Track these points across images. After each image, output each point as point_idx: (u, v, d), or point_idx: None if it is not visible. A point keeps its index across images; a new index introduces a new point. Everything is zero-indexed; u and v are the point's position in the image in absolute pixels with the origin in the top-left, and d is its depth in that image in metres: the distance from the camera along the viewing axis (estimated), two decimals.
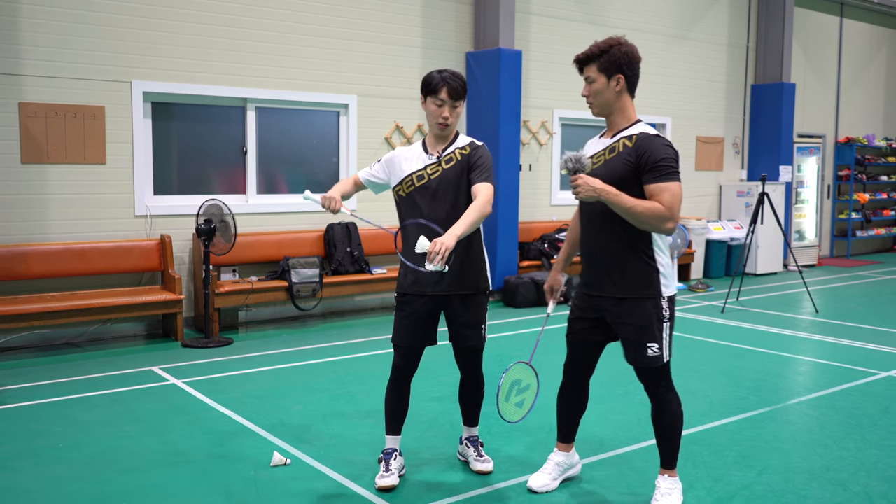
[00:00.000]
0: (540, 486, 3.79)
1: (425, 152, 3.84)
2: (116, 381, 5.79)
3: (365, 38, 8.65)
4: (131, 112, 7.30)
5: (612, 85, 3.41)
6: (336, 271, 8.19)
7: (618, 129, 3.47)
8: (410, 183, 3.79)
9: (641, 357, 3.43)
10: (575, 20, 10.37)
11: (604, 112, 3.48)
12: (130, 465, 4.16)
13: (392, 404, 3.95)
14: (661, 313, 3.41)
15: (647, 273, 3.40)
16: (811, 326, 8.05)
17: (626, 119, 3.47)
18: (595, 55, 3.41)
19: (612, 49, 3.39)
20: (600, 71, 3.40)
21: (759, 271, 11.85)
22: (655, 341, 3.41)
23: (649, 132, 3.39)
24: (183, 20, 7.51)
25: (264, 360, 6.48)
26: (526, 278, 9.03)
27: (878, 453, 4.37)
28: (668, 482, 3.61)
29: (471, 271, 3.82)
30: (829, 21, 14.00)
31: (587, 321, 3.60)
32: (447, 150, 3.81)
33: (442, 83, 3.73)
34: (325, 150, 8.63)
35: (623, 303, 3.43)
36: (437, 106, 3.75)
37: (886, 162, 15.04)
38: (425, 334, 3.87)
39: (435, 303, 3.83)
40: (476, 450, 4.11)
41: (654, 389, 3.53)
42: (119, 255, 7.17)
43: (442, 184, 3.74)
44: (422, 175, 3.77)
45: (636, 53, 3.44)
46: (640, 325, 3.40)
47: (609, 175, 3.35)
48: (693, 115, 11.92)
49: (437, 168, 3.77)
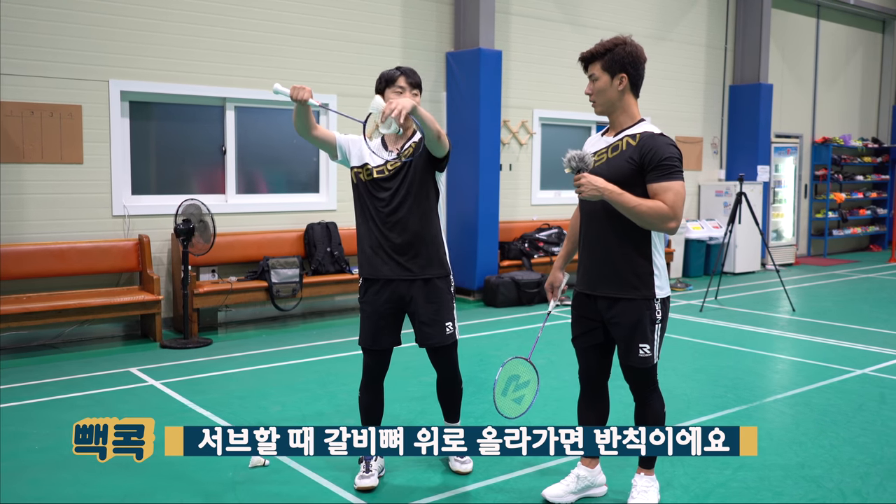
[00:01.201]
0: (553, 496, 3.69)
1: (384, 148, 3.85)
2: (94, 383, 5.76)
3: (345, 38, 8.64)
4: (109, 111, 7.25)
5: (615, 83, 3.38)
6: (316, 271, 8.18)
7: (621, 127, 3.44)
8: (369, 173, 3.80)
9: (633, 357, 3.44)
10: (554, 21, 10.41)
11: (606, 111, 3.46)
12: (107, 467, 4.12)
13: (366, 406, 3.95)
14: (654, 315, 3.42)
15: (643, 274, 3.40)
16: (788, 325, 8.14)
17: (629, 118, 3.44)
18: (599, 53, 3.39)
19: (616, 48, 3.37)
20: (604, 69, 3.38)
21: (738, 270, 11.95)
22: (647, 342, 3.42)
23: (653, 131, 3.36)
24: (161, 19, 7.47)
25: (244, 361, 6.46)
26: (506, 278, 9.06)
27: (851, 450, 4.43)
28: (646, 480, 3.64)
29: (428, 253, 3.79)
30: (806, 22, 14.14)
31: (588, 321, 3.56)
32: (406, 144, 3.82)
33: (398, 72, 3.78)
34: (305, 150, 8.61)
35: (617, 303, 3.42)
36: (398, 94, 3.75)
37: (862, 162, 15.22)
38: (389, 334, 3.85)
39: (395, 298, 3.79)
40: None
41: (640, 390, 3.56)
42: (97, 256, 7.12)
43: (400, 177, 3.75)
44: (382, 169, 3.78)
45: (641, 53, 3.41)
46: (633, 326, 3.41)
47: (611, 173, 3.32)
48: (672, 115, 12.00)
49: (396, 163, 3.78)
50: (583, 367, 3.68)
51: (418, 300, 3.79)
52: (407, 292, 3.79)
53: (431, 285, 3.80)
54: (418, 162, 3.76)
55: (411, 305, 3.80)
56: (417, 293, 3.78)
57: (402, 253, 3.77)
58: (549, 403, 5.22)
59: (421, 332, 3.83)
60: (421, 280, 3.79)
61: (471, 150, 9.18)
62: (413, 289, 3.78)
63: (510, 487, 3.89)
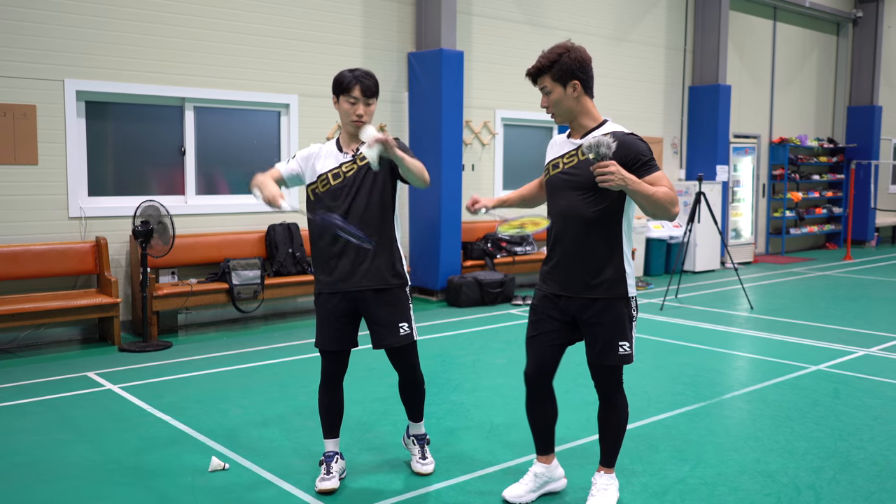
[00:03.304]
0: (514, 496, 3.70)
1: (340, 151, 3.82)
2: (49, 388, 5.65)
3: (306, 38, 8.59)
4: (64, 111, 7.12)
5: (569, 92, 3.40)
6: (278, 272, 8.12)
7: (586, 129, 3.45)
8: (326, 181, 3.77)
9: (613, 356, 3.45)
10: (516, 21, 10.46)
11: (567, 118, 3.48)
12: (62, 474, 4.07)
13: (325, 408, 3.93)
14: (631, 313, 3.47)
15: (620, 274, 3.43)
16: (746, 322, 8.26)
17: (592, 119, 3.47)
18: (546, 66, 3.39)
19: (561, 57, 3.37)
20: (555, 81, 3.39)
21: (697, 269, 12.11)
22: (627, 340, 3.46)
23: (623, 131, 3.38)
24: (118, 17, 7.36)
25: (204, 364, 6.39)
26: (469, 278, 9.07)
27: (806, 445, 4.51)
28: (606, 478, 3.66)
29: (384, 263, 3.77)
30: (763, 25, 14.37)
31: (554, 322, 3.54)
32: (361, 147, 3.80)
33: (354, 81, 3.71)
34: (266, 151, 8.55)
35: (595, 303, 3.43)
36: (351, 104, 3.72)
37: (818, 162, 15.51)
38: (344, 336, 3.82)
39: (350, 301, 3.77)
40: (420, 449, 4.11)
41: (608, 389, 3.57)
42: (52, 258, 7.00)
43: (357, 181, 3.73)
44: (337, 174, 3.76)
45: (586, 55, 3.43)
46: (614, 325, 3.43)
47: (589, 174, 3.31)
48: (632, 115, 12.12)
49: (352, 166, 3.75)
50: (535, 367, 3.64)
51: (371, 303, 3.77)
52: (360, 296, 3.77)
53: (387, 290, 3.78)
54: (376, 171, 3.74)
55: (366, 305, 3.78)
56: (370, 297, 3.76)
57: None
58: (492, 405, 5.24)
59: (375, 333, 3.81)
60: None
61: (433, 151, 9.18)
62: (367, 293, 3.76)
63: (472, 488, 3.90)
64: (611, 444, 3.64)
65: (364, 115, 3.73)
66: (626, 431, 4.66)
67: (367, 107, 3.75)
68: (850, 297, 10.07)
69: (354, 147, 3.81)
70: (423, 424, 4.13)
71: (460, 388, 5.68)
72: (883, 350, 6.94)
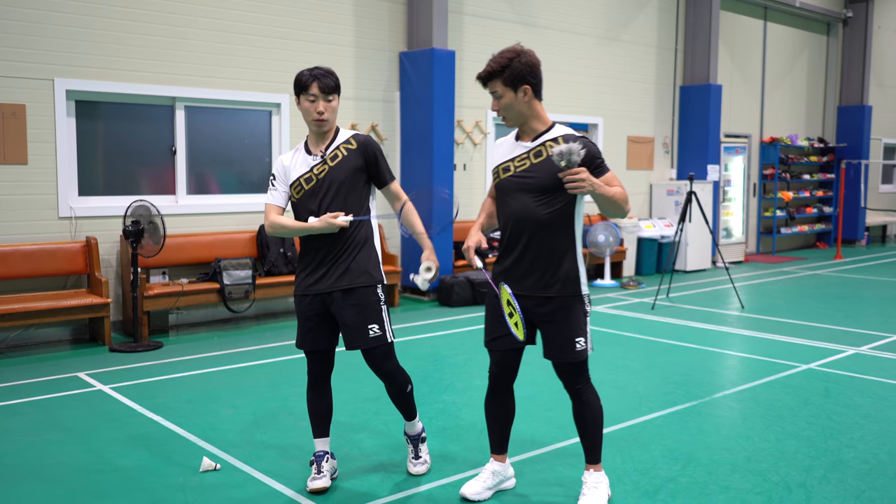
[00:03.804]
0: (472, 493, 3.74)
1: (308, 154, 3.78)
2: (40, 388, 5.63)
3: (297, 38, 8.57)
4: (54, 111, 7.09)
5: (520, 96, 3.44)
6: (269, 272, 8.10)
7: (536, 132, 3.52)
8: (299, 187, 3.74)
9: (570, 352, 3.50)
10: (507, 21, 10.46)
11: (518, 122, 3.53)
12: (53, 475, 4.05)
13: (313, 408, 3.92)
14: (585, 308, 3.56)
15: (574, 273, 3.51)
16: (737, 321, 8.29)
17: (542, 123, 3.53)
18: (497, 71, 3.43)
19: (512, 62, 3.41)
20: (506, 85, 3.43)
21: (689, 268, 12.14)
22: (582, 335, 3.52)
23: (574, 133, 3.48)
24: (108, 16, 7.33)
25: (195, 364, 6.37)
26: (461, 277, 9.08)
27: (797, 444, 4.53)
28: (595, 476, 3.67)
29: (354, 263, 3.73)
30: (754, 24, 14.42)
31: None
32: (330, 147, 3.76)
33: (311, 79, 3.67)
34: (257, 151, 8.53)
35: (551, 301, 3.49)
36: (311, 102, 3.68)
37: (809, 161, 15.57)
38: (321, 335, 3.80)
39: (320, 302, 3.75)
40: (414, 449, 4.10)
41: (574, 385, 3.61)
42: (42, 258, 6.97)
43: (331, 183, 3.70)
44: (309, 177, 3.72)
45: (536, 59, 3.47)
46: (569, 322, 3.49)
47: (543, 177, 3.41)
48: (624, 115, 12.15)
49: (322, 167, 3.72)
50: (496, 365, 3.70)
51: (339, 304, 3.72)
52: (330, 298, 3.73)
53: (354, 291, 3.72)
54: (346, 170, 3.72)
55: (334, 305, 3.73)
56: (339, 297, 3.71)
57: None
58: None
59: (344, 334, 3.77)
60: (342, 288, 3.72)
61: (425, 150, 9.18)
62: (335, 294, 3.72)
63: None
64: (591, 441, 3.67)
65: (325, 113, 3.68)
66: (618, 430, 4.69)
67: (329, 103, 3.69)
68: (840, 296, 10.11)
69: (322, 147, 3.77)
70: (417, 423, 4.10)
71: (452, 388, 5.68)
72: (873, 349, 6.97)
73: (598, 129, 11.75)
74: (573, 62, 11.29)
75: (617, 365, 6.35)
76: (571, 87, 11.28)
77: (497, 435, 3.81)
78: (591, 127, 11.76)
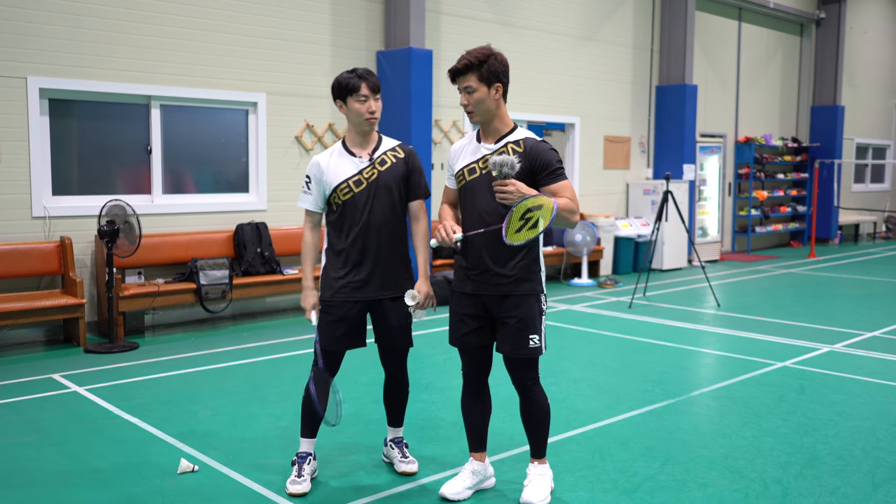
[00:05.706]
0: (452, 493, 3.75)
1: (353, 155, 3.81)
2: (13, 390, 5.55)
3: (274, 36, 8.52)
4: (27, 109, 7.00)
5: (492, 94, 3.51)
6: (246, 272, 8.05)
7: (499, 134, 3.59)
8: (348, 189, 3.76)
9: (523, 348, 3.56)
10: (485, 20, 10.47)
11: (485, 119, 3.58)
12: (28, 478, 4.00)
13: (310, 407, 3.90)
14: (542, 307, 3.63)
15: (534, 272, 3.59)
16: (713, 320, 8.36)
17: (505, 125, 3.60)
18: (474, 65, 3.47)
19: (489, 59, 3.48)
20: (481, 81, 3.49)
21: (665, 267, 12.22)
22: (537, 333, 3.58)
23: (535, 137, 3.56)
24: (82, 14, 7.25)
25: (172, 365, 6.32)
26: (439, 277, 9.07)
27: (773, 441, 4.58)
28: (539, 469, 3.76)
29: (398, 273, 3.88)
30: (728, 25, 14.54)
31: (473, 320, 3.65)
32: (377, 151, 3.82)
33: (360, 80, 3.75)
34: (234, 150, 8.47)
35: (508, 299, 3.56)
36: (362, 102, 3.74)
37: (783, 161, 15.73)
38: (355, 337, 3.87)
39: (364, 305, 3.84)
40: (401, 451, 4.12)
41: (523, 382, 3.67)
42: (16, 259, 6.88)
43: (379, 188, 3.76)
44: (359, 180, 3.76)
45: (507, 62, 3.58)
46: (525, 318, 3.55)
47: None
48: (601, 114, 12.20)
49: (372, 171, 3.77)
50: (467, 364, 3.76)
51: (385, 301, 3.84)
52: (378, 304, 3.85)
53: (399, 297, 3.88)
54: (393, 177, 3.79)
55: (380, 307, 3.84)
56: (388, 304, 3.85)
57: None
58: None
59: (390, 334, 3.88)
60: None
61: None
62: (385, 301, 3.85)
63: None
64: (537, 436, 3.75)
65: (376, 111, 3.78)
66: (596, 429, 4.72)
67: (377, 102, 3.79)
68: (814, 294, 10.23)
69: (369, 150, 3.81)
70: (401, 430, 4.18)
71: (431, 387, 5.68)
72: (847, 346, 7.06)
73: (574, 128, 11.79)
74: (550, 62, 11.33)
75: (594, 363, 6.38)
76: (548, 87, 11.32)
77: (475, 432, 3.84)
78: (567, 126, 11.81)
